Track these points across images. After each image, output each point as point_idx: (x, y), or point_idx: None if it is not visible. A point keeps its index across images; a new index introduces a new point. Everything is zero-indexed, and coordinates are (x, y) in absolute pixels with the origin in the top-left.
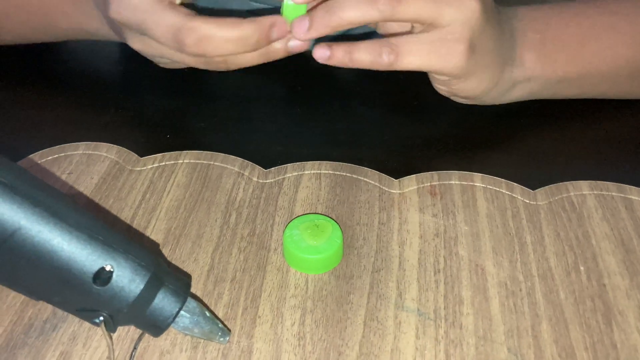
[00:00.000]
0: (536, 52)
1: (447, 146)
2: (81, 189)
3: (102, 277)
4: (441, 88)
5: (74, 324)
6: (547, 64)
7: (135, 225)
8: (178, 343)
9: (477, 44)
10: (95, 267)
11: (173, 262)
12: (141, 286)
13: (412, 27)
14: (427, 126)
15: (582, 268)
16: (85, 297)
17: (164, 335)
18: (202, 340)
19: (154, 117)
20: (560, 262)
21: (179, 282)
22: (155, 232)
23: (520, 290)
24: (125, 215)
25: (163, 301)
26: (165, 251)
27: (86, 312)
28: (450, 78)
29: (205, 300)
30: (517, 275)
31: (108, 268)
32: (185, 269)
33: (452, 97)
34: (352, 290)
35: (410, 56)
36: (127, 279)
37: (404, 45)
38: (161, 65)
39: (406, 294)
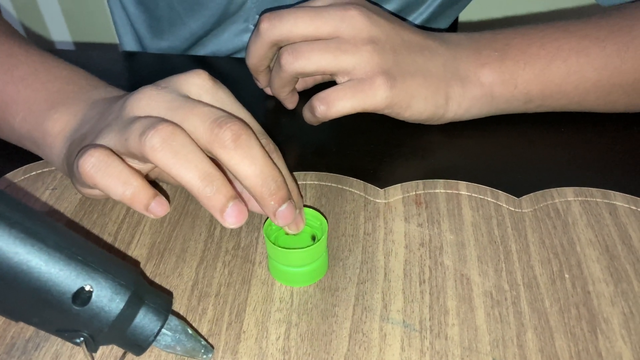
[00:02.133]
0: (493, 68)
1: (433, 154)
2: (65, 204)
3: (82, 297)
4: (398, 119)
5: (56, 343)
6: (508, 81)
7: (119, 240)
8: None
9: (396, 72)
10: (74, 288)
11: (157, 277)
12: (121, 305)
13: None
14: (412, 134)
15: (567, 276)
16: (65, 318)
17: (147, 353)
18: (186, 358)
19: None
20: (545, 270)
21: (160, 299)
22: (139, 247)
23: (506, 299)
24: (109, 230)
25: (144, 320)
26: (150, 266)
27: (66, 333)
28: (390, 110)
29: (190, 316)
30: (503, 284)
31: (87, 288)
32: (169, 284)
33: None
34: (337, 302)
35: (339, 102)
36: (106, 299)
37: (331, 95)
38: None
39: (392, 306)
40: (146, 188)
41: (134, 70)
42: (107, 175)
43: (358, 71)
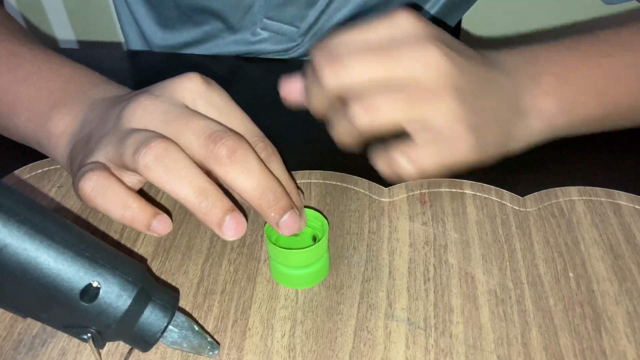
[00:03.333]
0: (554, 96)
1: None
2: (71, 202)
3: (90, 293)
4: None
5: (63, 339)
6: (569, 109)
7: (125, 238)
8: (168, 357)
9: (475, 123)
10: (82, 284)
11: (163, 274)
12: (129, 302)
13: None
14: None
15: (571, 274)
16: (72, 314)
17: (153, 350)
18: (192, 355)
19: None
20: (550, 268)
21: (167, 296)
22: (145, 245)
23: (510, 297)
24: (115, 228)
25: (151, 316)
26: (156, 264)
27: (74, 329)
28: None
29: (196, 313)
30: (507, 282)
31: (95, 284)
32: (175, 282)
33: None
34: (342, 300)
35: (427, 163)
36: (114, 295)
37: (419, 155)
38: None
39: (396, 304)
40: (145, 209)
41: (139, 69)
42: (106, 198)
43: (440, 125)
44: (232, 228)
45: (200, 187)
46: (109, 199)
